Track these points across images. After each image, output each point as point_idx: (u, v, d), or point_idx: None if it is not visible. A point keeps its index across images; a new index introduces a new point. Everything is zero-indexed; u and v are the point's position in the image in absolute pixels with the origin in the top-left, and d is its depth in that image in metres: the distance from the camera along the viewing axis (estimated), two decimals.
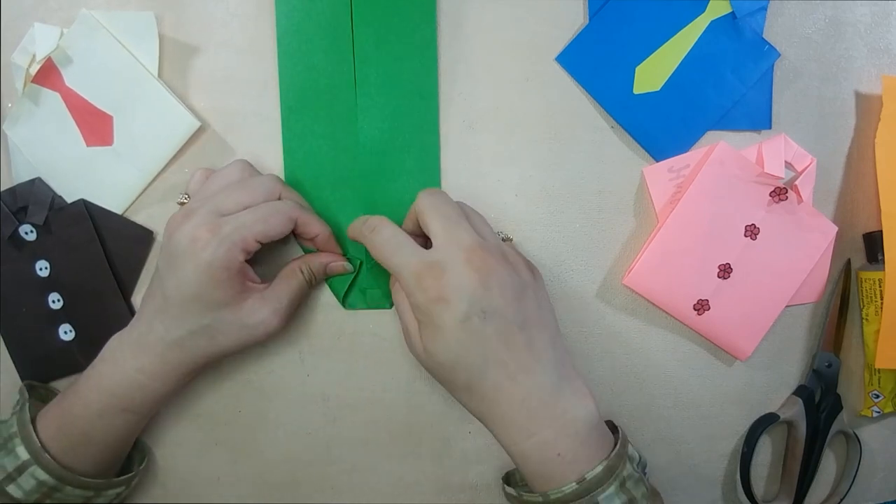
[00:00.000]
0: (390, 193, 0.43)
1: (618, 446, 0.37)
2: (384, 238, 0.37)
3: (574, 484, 0.35)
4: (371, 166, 0.43)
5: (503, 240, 0.41)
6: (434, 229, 0.37)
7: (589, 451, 0.36)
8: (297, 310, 0.42)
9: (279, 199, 0.39)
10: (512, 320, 0.35)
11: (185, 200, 0.40)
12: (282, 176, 0.43)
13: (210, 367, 0.41)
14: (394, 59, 0.42)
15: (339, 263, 0.42)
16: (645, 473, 0.40)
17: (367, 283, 0.44)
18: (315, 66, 0.42)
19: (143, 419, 0.40)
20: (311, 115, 0.42)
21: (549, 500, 0.35)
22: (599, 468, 0.35)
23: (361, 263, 0.43)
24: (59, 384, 0.44)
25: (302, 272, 0.41)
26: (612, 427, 0.40)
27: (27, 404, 0.38)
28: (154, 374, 0.38)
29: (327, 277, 0.43)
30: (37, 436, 0.37)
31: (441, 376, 0.37)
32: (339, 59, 0.42)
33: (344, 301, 0.44)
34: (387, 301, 0.44)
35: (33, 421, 0.38)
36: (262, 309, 0.38)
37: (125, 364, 0.37)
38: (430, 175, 0.43)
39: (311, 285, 0.42)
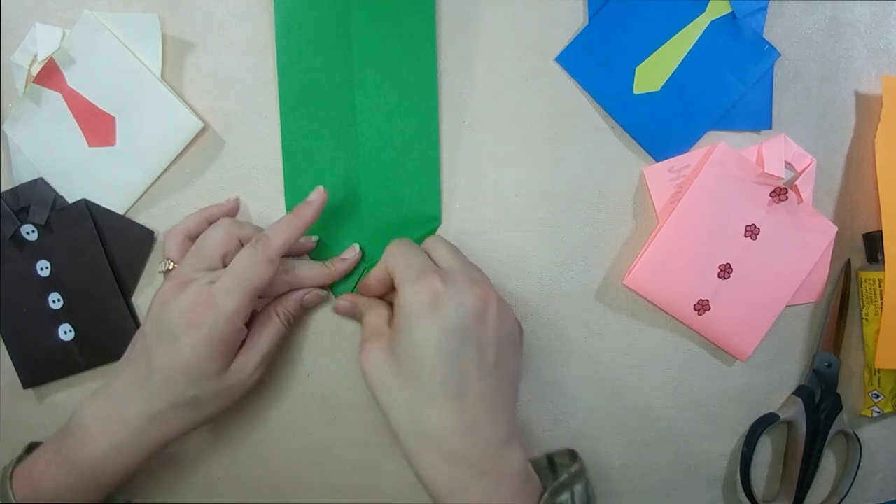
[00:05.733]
0: (390, 193, 0.43)
1: (546, 495, 0.36)
2: (407, 244, 0.38)
3: None
4: (371, 166, 0.43)
5: None
6: (441, 255, 0.38)
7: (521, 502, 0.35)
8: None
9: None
10: (489, 359, 0.35)
11: (170, 268, 0.39)
12: (281, 176, 0.43)
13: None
14: (393, 59, 0.42)
15: (312, 295, 0.41)
16: None
17: None
18: (314, 66, 0.42)
19: (117, 487, 0.37)
20: (310, 115, 0.42)
21: None
22: None
23: (364, 268, 0.43)
24: (58, 384, 0.44)
25: (279, 316, 0.40)
26: (573, 456, 0.41)
27: (13, 464, 0.37)
28: (129, 452, 0.36)
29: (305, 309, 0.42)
30: (12, 493, 0.35)
31: (388, 392, 0.35)
32: (338, 59, 0.42)
33: None
34: None
35: (12, 477, 0.36)
36: (246, 367, 0.37)
37: (99, 441, 0.35)
38: (430, 175, 0.43)
39: (290, 327, 0.41)
